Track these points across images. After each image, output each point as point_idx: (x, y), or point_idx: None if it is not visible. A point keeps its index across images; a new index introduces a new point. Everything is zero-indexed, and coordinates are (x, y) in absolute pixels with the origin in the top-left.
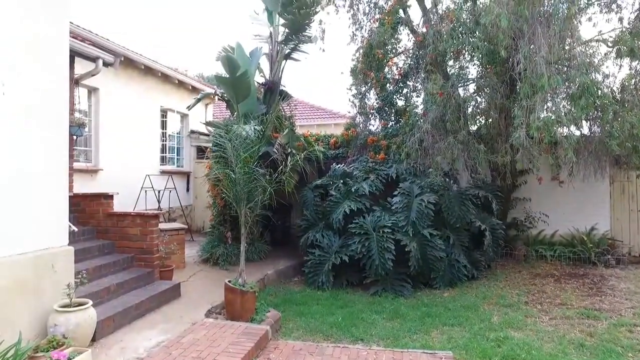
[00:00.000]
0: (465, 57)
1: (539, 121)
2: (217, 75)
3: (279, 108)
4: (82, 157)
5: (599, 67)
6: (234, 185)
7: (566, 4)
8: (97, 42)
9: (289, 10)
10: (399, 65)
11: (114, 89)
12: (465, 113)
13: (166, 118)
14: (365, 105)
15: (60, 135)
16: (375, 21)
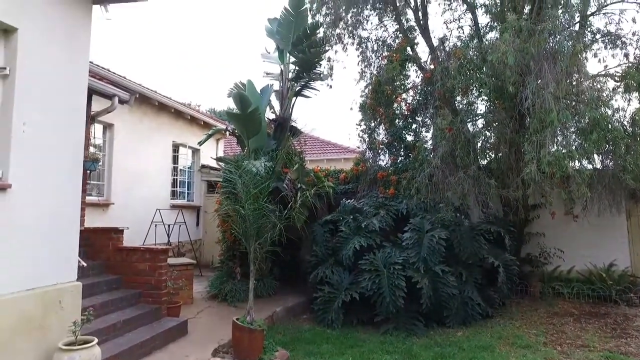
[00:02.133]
0: (473, 92)
1: (550, 156)
2: (228, 112)
3: (289, 144)
4: (95, 191)
5: (608, 102)
6: (244, 221)
7: (571, 42)
8: (113, 80)
9: (299, 48)
10: (408, 101)
11: (128, 124)
12: (475, 148)
13: (178, 153)
14: (375, 140)
15: (76, 171)
16: (384, 58)
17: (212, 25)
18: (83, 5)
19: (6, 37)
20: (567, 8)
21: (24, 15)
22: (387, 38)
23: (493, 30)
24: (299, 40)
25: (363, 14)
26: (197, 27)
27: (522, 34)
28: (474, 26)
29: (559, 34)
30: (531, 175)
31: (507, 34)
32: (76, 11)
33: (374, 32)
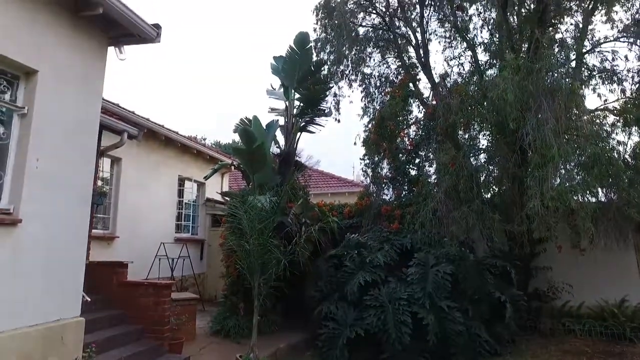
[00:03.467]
0: (475, 127)
1: (553, 191)
2: (234, 147)
3: (294, 179)
4: (100, 225)
5: (608, 137)
6: (248, 256)
7: (568, 79)
8: (122, 116)
9: (304, 85)
10: (411, 135)
11: (135, 158)
12: (478, 182)
13: (183, 187)
14: (379, 174)
15: (84, 207)
16: (387, 94)
17: (219, 60)
18: (99, 48)
19: (27, 79)
20: (563, 47)
21: (45, 59)
22: (390, 74)
23: (492, 67)
24: (303, 77)
25: (366, 52)
26: (204, 61)
27: (520, 71)
28: (474, 63)
29: (555, 72)
30: (535, 210)
31: (506, 72)
32: (92, 54)
33: (376, 69)
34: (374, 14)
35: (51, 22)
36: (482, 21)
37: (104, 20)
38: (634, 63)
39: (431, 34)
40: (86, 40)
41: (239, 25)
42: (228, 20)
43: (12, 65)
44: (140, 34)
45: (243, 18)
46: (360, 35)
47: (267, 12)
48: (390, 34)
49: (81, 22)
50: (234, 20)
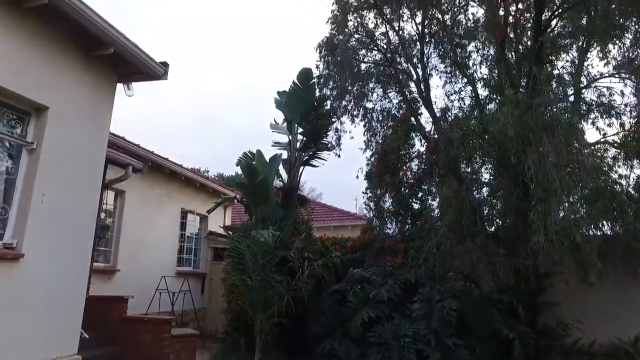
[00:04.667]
0: (477, 161)
1: (557, 225)
2: (237, 181)
3: (297, 213)
4: (101, 258)
5: (610, 170)
6: (250, 292)
7: (567, 114)
8: (127, 149)
9: (307, 120)
10: (413, 169)
11: (139, 191)
12: (482, 216)
13: (186, 220)
14: (382, 208)
15: (87, 241)
16: (389, 128)
17: (223, 92)
18: (108, 84)
19: (38, 115)
20: (560, 83)
21: (56, 95)
22: (392, 109)
23: (492, 101)
24: (306, 112)
25: (368, 87)
26: (208, 93)
27: (520, 107)
28: (474, 97)
29: (554, 107)
30: (539, 244)
31: (505, 107)
32: (102, 90)
33: (378, 103)
34: (375, 51)
35: (64, 60)
36: (481, 57)
37: (114, 58)
38: (630, 98)
39: (432, 70)
40: (96, 77)
41: (244, 57)
42: (234, 52)
43: (25, 102)
44: (148, 71)
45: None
46: (362, 70)
47: (271, 45)
48: (391, 70)
49: (92, 60)
50: (239, 52)
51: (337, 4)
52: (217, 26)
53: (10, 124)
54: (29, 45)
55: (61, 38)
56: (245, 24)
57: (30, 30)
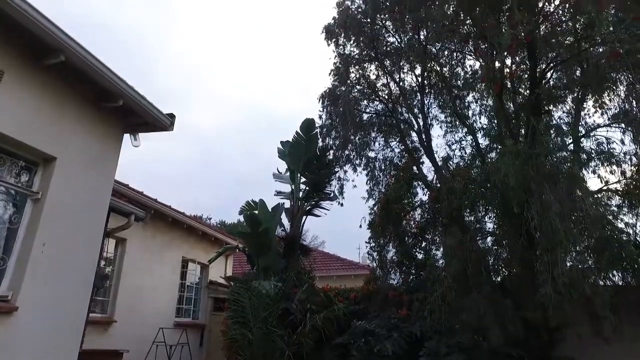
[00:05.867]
0: (480, 210)
1: (565, 276)
2: (239, 231)
3: (299, 264)
4: (98, 308)
5: (615, 219)
6: (251, 346)
7: (567, 164)
8: (131, 197)
9: (310, 169)
10: (416, 218)
11: (140, 240)
12: (487, 266)
13: (186, 268)
14: (385, 258)
15: (84, 291)
16: (391, 177)
17: (226, 140)
18: (115, 135)
19: (45, 165)
20: (559, 133)
21: (64, 146)
22: (394, 158)
23: (493, 150)
24: (309, 161)
25: (370, 136)
26: (213, 138)
27: (520, 156)
28: (475, 146)
29: (554, 156)
30: (547, 297)
31: (506, 157)
32: (109, 141)
33: (380, 153)
34: (377, 101)
35: (74, 111)
36: (480, 107)
37: (123, 110)
38: (630, 147)
39: (432, 119)
40: (104, 128)
41: (249, 106)
42: (239, 101)
43: (34, 153)
44: (155, 123)
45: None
46: (364, 120)
47: (276, 93)
48: (393, 120)
49: (101, 111)
50: (243, 101)
51: (339, 57)
52: (221, 71)
53: (17, 173)
54: (41, 98)
55: (72, 91)
56: (248, 72)
57: (43, 84)
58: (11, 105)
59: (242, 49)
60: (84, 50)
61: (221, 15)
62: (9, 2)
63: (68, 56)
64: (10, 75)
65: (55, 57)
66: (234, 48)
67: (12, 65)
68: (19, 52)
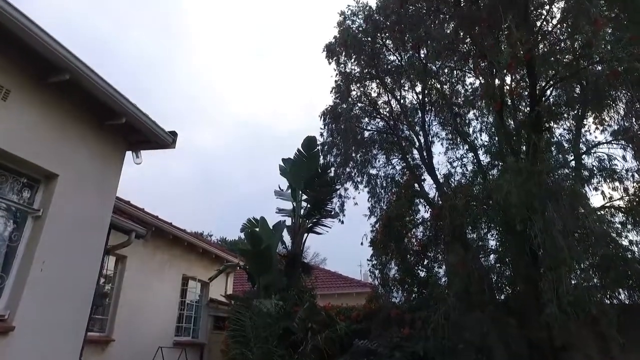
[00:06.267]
0: (482, 227)
1: (570, 296)
2: (240, 248)
3: (301, 283)
4: (97, 326)
5: (619, 237)
6: None
7: (569, 181)
8: (131, 214)
9: (311, 187)
10: (418, 236)
11: (141, 257)
12: (490, 284)
13: (186, 286)
14: (387, 276)
15: (83, 310)
16: (393, 194)
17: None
18: (118, 153)
19: (47, 182)
20: (560, 150)
21: (66, 163)
22: (395, 175)
23: (494, 167)
24: (311, 179)
25: (371, 153)
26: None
27: (522, 174)
28: (477, 163)
29: (556, 173)
30: (552, 316)
31: (508, 175)
32: (111, 158)
33: (382, 170)
34: (378, 118)
35: (77, 129)
36: (480, 125)
37: (126, 128)
38: (631, 163)
39: (433, 137)
40: (106, 145)
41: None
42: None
43: (36, 170)
44: (157, 140)
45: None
46: (366, 138)
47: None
48: (394, 137)
49: (104, 129)
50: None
51: (341, 75)
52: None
53: (19, 190)
54: (45, 115)
55: (76, 108)
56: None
57: (47, 102)
58: (16, 123)
59: (243, 67)
60: (89, 69)
61: (224, 34)
62: (16, 23)
63: (73, 75)
64: (15, 93)
65: (60, 75)
66: (235, 66)
67: (17, 83)
68: (25, 71)
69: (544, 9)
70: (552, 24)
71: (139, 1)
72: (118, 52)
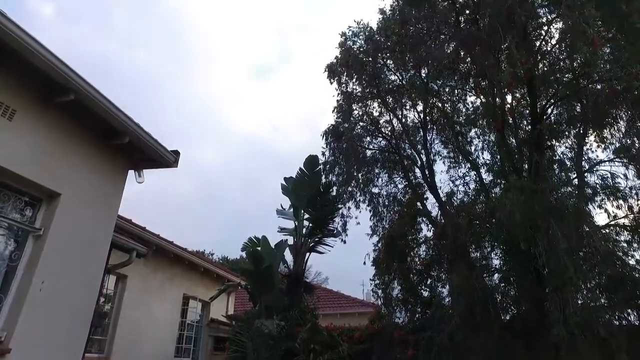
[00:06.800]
0: (486, 246)
1: (577, 316)
2: (242, 267)
3: (303, 303)
4: (95, 348)
5: (625, 256)
6: None
7: (572, 199)
8: (133, 233)
9: (313, 206)
10: (421, 255)
11: (141, 276)
12: (495, 304)
13: (187, 306)
14: (390, 296)
15: (81, 331)
16: (395, 213)
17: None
18: (120, 172)
19: (49, 201)
20: (562, 168)
21: (69, 183)
22: (397, 193)
23: (497, 186)
24: (313, 198)
25: (373, 172)
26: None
27: (525, 192)
28: (479, 182)
29: (559, 192)
30: (560, 337)
31: (510, 193)
32: (113, 177)
33: (384, 189)
34: (380, 137)
35: (80, 148)
36: (482, 143)
37: (129, 147)
38: (635, 181)
39: (435, 155)
40: (109, 165)
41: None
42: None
43: (38, 189)
44: (160, 159)
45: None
46: (368, 156)
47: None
48: (396, 156)
49: (107, 148)
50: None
51: (342, 95)
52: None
53: (21, 209)
54: (49, 135)
55: (80, 128)
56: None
57: (52, 122)
58: (20, 142)
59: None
60: (93, 89)
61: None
62: (22, 44)
63: (78, 95)
64: (21, 112)
65: (65, 95)
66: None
67: (23, 103)
68: (31, 91)
69: (543, 30)
70: (550, 44)
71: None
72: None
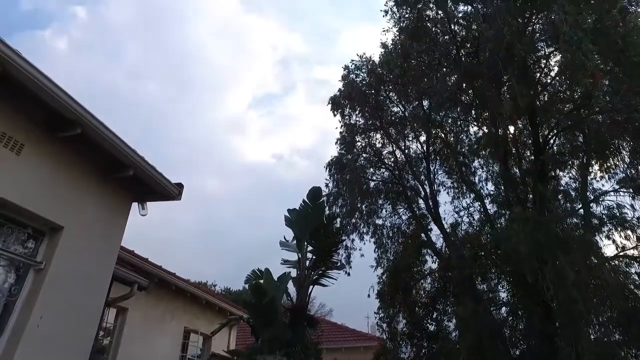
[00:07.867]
0: (492, 278)
1: (591, 354)
2: (244, 300)
3: (306, 338)
4: None
5: (637, 289)
6: None
7: (578, 231)
8: (134, 264)
9: (316, 238)
10: (426, 288)
11: (142, 309)
12: (504, 339)
13: (188, 340)
14: (395, 330)
15: None
16: (400, 244)
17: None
18: (124, 204)
19: (52, 235)
20: (567, 199)
21: (72, 216)
22: (401, 225)
23: (502, 217)
24: (316, 230)
25: (377, 203)
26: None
27: (529, 223)
28: (484, 212)
29: (565, 223)
30: None
31: (515, 225)
32: (117, 210)
33: (388, 220)
34: (383, 169)
35: (84, 181)
36: (486, 173)
37: (133, 180)
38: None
39: (439, 186)
40: (112, 197)
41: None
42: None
43: (41, 222)
44: (163, 192)
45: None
46: (371, 188)
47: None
48: (399, 187)
49: (110, 181)
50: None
51: (345, 127)
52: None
53: (23, 242)
54: (54, 168)
55: (84, 161)
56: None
57: (57, 155)
58: (27, 176)
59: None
60: (99, 123)
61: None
62: (30, 77)
63: (84, 128)
64: (28, 147)
65: (71, 129)
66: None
67: (31, 138)
68: (39, 125)
69: (542, 63)
70: (550, 76)
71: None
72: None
